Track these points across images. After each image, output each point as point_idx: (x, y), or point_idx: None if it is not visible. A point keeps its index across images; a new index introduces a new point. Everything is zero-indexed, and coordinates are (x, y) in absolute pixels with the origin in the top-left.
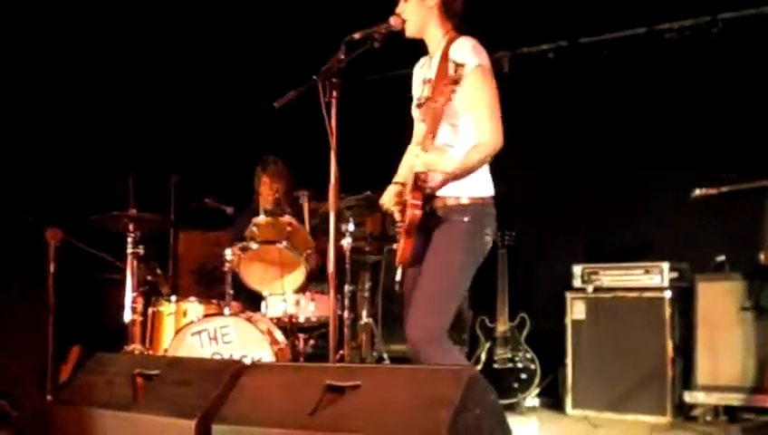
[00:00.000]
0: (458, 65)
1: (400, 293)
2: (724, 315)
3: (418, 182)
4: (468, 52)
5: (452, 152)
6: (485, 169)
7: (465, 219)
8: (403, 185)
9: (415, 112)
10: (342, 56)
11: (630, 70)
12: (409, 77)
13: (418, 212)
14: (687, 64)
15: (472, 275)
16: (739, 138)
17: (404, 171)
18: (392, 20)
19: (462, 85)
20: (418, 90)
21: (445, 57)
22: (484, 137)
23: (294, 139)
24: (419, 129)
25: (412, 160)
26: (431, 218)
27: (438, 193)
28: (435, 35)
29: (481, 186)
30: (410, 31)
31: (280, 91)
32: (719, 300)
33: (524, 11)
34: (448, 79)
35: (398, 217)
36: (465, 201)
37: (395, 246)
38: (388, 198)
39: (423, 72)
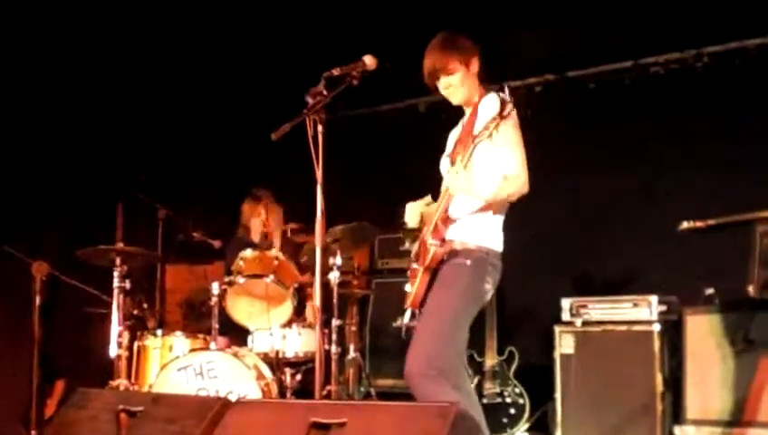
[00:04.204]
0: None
1: (407, 337)
2: (714, 349)
3: (438, 226)
4: (494, 106)
5: (484, 178)
6: (499, 226)
7: (468, 262)
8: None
9: (443, 163)
10: (324, 91)
11: (616, 103)
12: (395, 111)
13: (441, 250)
14: (673, 97)
15: (469, 319)
16: (726, 170)
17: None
18: (367, 59)
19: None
20: (450, 145)
21: (474, 112)
22: (514, 171)
23: (280, 172)
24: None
25: (449, 179)
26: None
27: (447, 237)
28: (474, 96)
29: (490, 238)
30: (460, 100)
31: (266, 124)
32: (708, 333)
33: (510, 44)
34: (477, 133)
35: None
36: (470, 247)
37: (407, 288)
38: (414, 214)
39: (457, 132)
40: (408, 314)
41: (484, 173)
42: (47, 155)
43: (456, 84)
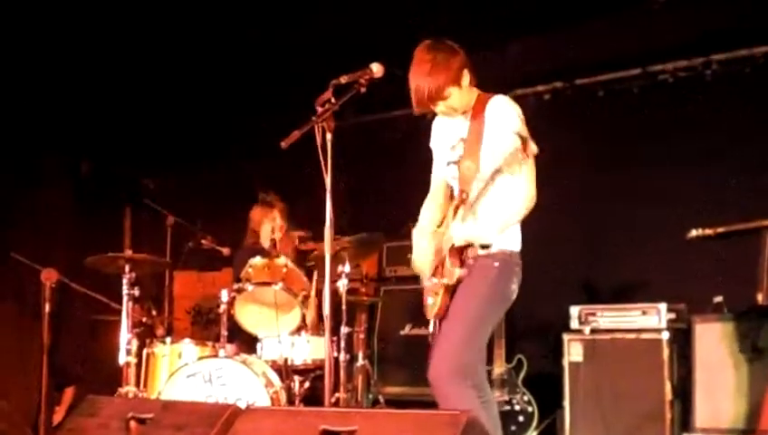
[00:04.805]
0: (524, 138)
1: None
2: (723, 357)
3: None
4: (510, 113)
5: (488, 217)
6: (518, 226)
7: (495, 265)
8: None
9: (444, 168)
10: (332, 98)
11: (625, 111)
12: (407, 118)
13: (465, 270)
14: (682, 105)
15: (496, 320)
16: (735, 178)
17: (431, 219)
18: (374, 67)
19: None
20: (447, 146)
21: (477, 115)
22: (522, 194)
23: (288, 179)
24: (440, 181)
25: (450, 234)
26: None
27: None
28: (471, 101)
29: (511, 240)
30: (460, 112)
31: (273, 131)
32: (717, 341)
33: (519, 52)
34: (499, 167)
35: (428, 273)
36: (494, 251)
37: (429, 301)
38: (424, 257)
39: (452, 128)
40: (432, 323)
41: (490, 213)
42: (53, 160)
43: (452, 105)
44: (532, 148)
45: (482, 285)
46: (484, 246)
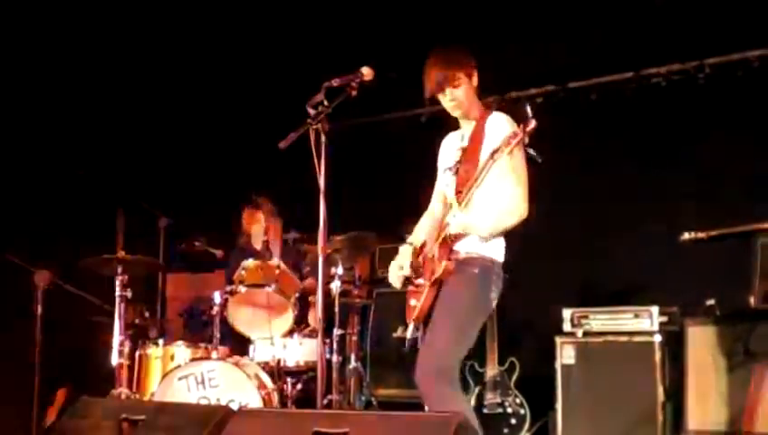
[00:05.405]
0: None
1: (411, 350)
2: (715, 359)
3: (447, 240)
4: (507, 126)
5: (483, 208)
6: (502, 236)
7: (475, 271)
8: (419, 248)
9: (444, 176)
10: (324, 101)
11: (618, 114)
12: (397, 120)
13: (451, 264)
14: (675, 108)
15: (478, 326)
16: (727, 181)
17: (421, 235)
18: (365, 70)
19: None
20: (450, 157)
21: (479, 128)
22: (514, 204)
23: (282, 180)
24: (440, 196)
25: (448, 219)
26: None
27: (453, 247)
28: (474, 111)
29: (494, 249)
30: (462, 113)
31: (268, 133)
32: (709, 344)
33: (512, 55)
34: (497, 148)
35: (410, 274)
36: (475, 256)
37: (412, 302)
38: (398, 269)
39: (454, 142)
40: (411, 327)
41: (486, 205)
42: (48, 163)
43: (460, 97)
44: (532, 123)
45: (464, 289)
46: (474, 245)
